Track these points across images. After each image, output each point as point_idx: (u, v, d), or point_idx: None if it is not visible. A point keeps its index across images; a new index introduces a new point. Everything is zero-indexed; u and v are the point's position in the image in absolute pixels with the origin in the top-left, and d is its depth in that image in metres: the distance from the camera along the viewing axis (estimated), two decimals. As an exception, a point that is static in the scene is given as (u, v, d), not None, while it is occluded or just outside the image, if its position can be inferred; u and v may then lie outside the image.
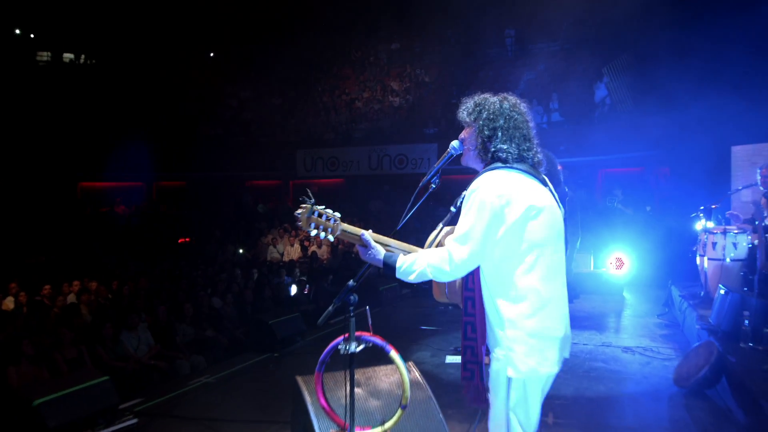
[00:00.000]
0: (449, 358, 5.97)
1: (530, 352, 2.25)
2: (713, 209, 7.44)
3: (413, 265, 2.35)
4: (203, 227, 16.42)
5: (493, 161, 2.39)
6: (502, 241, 2.26)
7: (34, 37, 20.93)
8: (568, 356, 2.39)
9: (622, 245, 10.37)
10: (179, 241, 16.17)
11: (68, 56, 21.81)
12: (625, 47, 14.33)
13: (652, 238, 10.94)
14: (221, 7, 19.16)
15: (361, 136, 18.53)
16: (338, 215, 2.47)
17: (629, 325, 7.65)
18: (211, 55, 22.34)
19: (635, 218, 11.78)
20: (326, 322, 2.57)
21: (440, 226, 2.58)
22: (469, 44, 19.09)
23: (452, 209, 2.50)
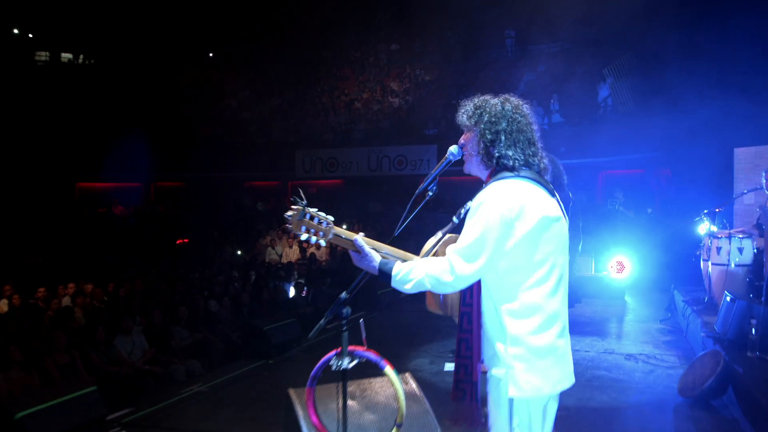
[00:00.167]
0: (448, 365, 5.83)
1: (533, 370, 2.13)
2: (717, 213, 7.31)
3: (411, 273, 2.21)
4: (201, 228, 16.31)
5: (498, 168, 2.27)
6: (510, 254, 2.14)
7: (32, 36, 20.82)
8: (573, 381, 2.26)
9: (623, 248, 10.27)
10: (177, 242, 16.06)
11: (67, 56, 21.71)
12: (627, 48, 14.21)
13: (653, 241, 10.83)
14: (220, 7, 19.04)
15: (360, 136, 18.42)
16: (331, 218, 2.32)
17: (631, 330, 7.54)
18: (210, 55, 22.23)
19: (637, 221, 11.68)
20: (317, 335, 2.44)
21: (439, 234, 2.44)
22: (469, 45, 18.99)
23: (454, 220, 2.35)
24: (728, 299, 5.42)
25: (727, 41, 10.59)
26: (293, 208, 2.26)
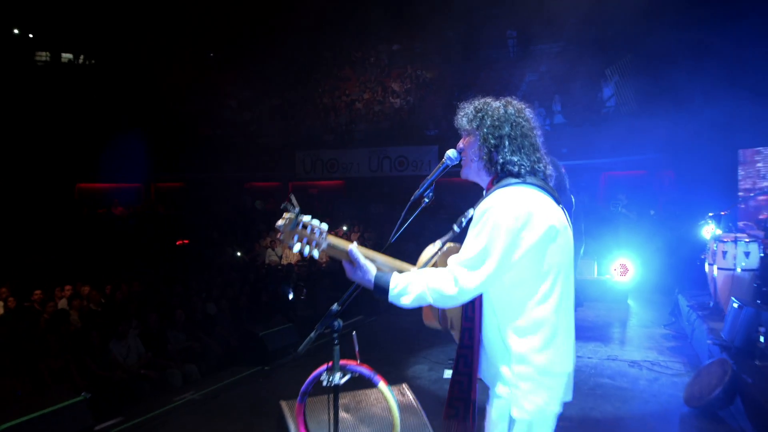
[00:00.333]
0: (447, 372, 5.71)
1: (538, 389, 2.01)
2: (722, 216, 7.19)
3: (409, 286, 2.09)
4: (201, 229, 16.20)
5: (502, 175, 2.15)
6: (516, 266, 2.02)
7: (32, 37, 20.74)
8: (570, 398, 2.14)
9: (626, 251, 10.14)
10: (177, 243, 15.96)
11: (67, 56, 21.63)
12: (630, 48, 14.07)
13: (657, 243, 10.70)
14: (220, 7, 18.94)
15: (361, 137, 18.30)
16: (325, 227, 2.17)
17: (635, 336, 7.40)
18: (210, 55, 22.13)
19: (639, 223, 11.55)
20: (307, 349, 2.31)
21: (438, 243, 2.30)
22: (470, 45, 18.87)
23: (455, 228, 2.21)
24: (735, 305, 5.28)
25: (737, 41, 10.39)
26: (285, 216, 2.11)
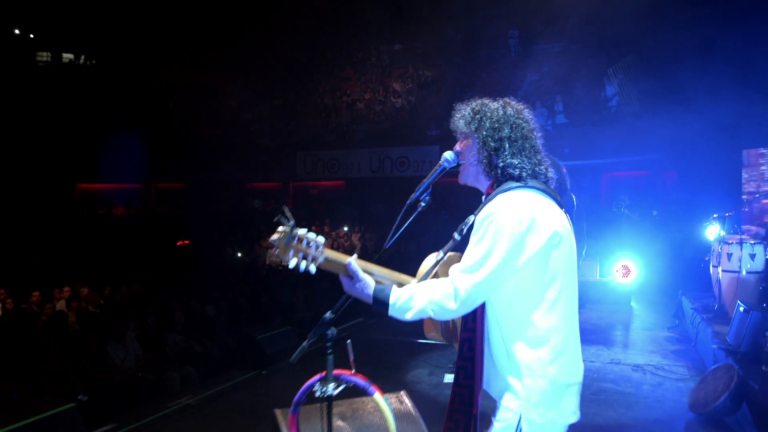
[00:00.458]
0: (448, 377, 5.62)
1: (550, 402, 1.94)
2: (727, 217, 7.09)
3: (411, 300, 2.01)
4: (202, 230, 16.13)
5: (502, 178, 2.07)
6: (520, 273, 1.94)
7: (33, 37, 20.70)
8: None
9: (629, 252, 10.04)
10: (178, 243, 15.90)
11: (68, 56, 21.59)
12: (633, 47, 13.96)
13: (660, 244, 10.60)
14: (221, 7, 18.88)
15: (362, 137, 18.22)
16: (322, 240, 2.08)
17: (638, 338, 7.30)
18: (211, 55, 22.05)
19: (642, 224, 11.46)
20: (299, 358, 2.22)
21: (440, 253, 2.20)
22: (472, 45, 18.78)
23: (455, 236, 2.12)
24: (741, 309, 5.19)
25: (746, 39, 10.23)
26: (279, 230, 2.02)
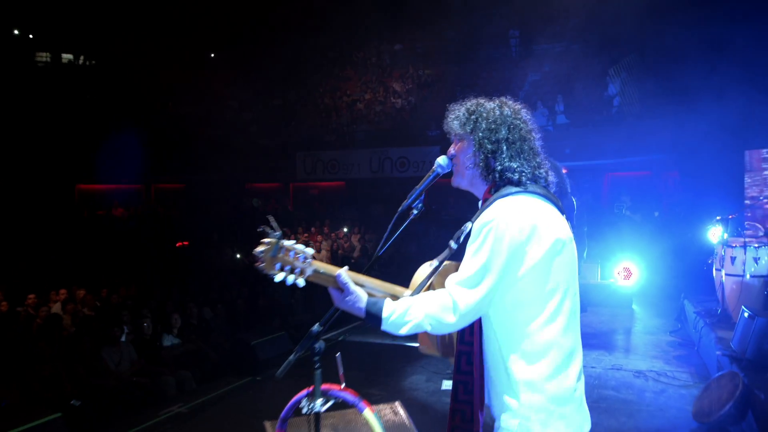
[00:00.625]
0: (446, 383, 5.51)
1: (552, 420, 1.83)
2: (730, 219, 6.98)
3: (406, 314, 1.88)
4: (202, 230, 16.05)
5: (500, 183, 1.96)
6: (519, 284, 1.83)
7: (32, 37, 20.64)
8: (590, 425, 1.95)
9: (630, 254, 9.92)
10: (177, 244, 15.82)
11: (67, 57, 21.53)
12: (635, 47, 13.84)
13: (661, 246, 10.49)
14: (221, 7, 18.81)
15: (362, 138, 18.14)
16: (310, 251, 1.98)
17: (640, 343, 7.19)
18: (211, 56, 22.00)
19: (644, 225, 11.36)
20: (285, 372, 2.12)
21: (435, 262, 2.08)
22: (472, 45, 18.68)
23: (451, 245, 1.99)
24: (746, 315, 5.07)
25: (755, 38, 10.07)
26: (264, 242, 1.91)
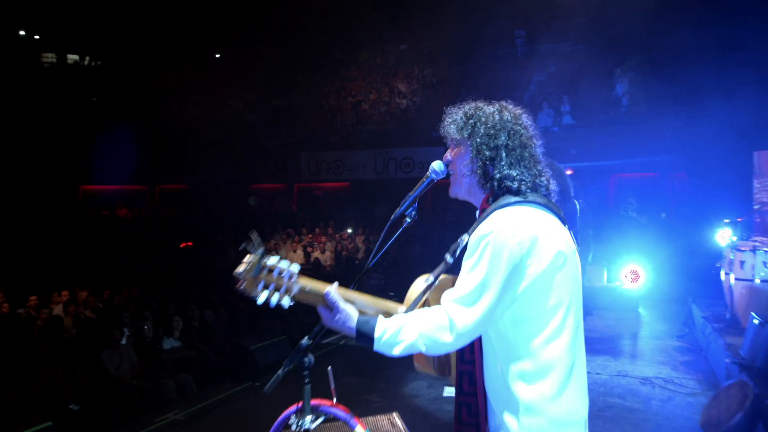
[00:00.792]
0: (448, 390, 5.41)
1: None
2: (739, 222, 6.86)
3: (399, 333, 1.78)
4: (205, 231, 16.04)
5: (499, 192, 1.86)
6: (520, 300, 1.73)
7: (38, 38, 20.68)
8: None
9: (636, 256, 9.79)
10: (181, 245, 15.81)
11: (73, 57, 21.57)
12: (643, 46, 13.69)
13: (668, 248, 10.35)
14: (224, 8, 18.78)
15: (366, 138, 18.07)
16: (296, 269, 1.88)
17: (647, 348, 7.06)
18: (215, 56, 21.98)
19: (650, 227, 11.24)
20: (272, 388, 2.02)
21: (430, 278, 1.98)
22: (478, 45, 18.57)
23: (447, 258, 1.90)
24: (756, 322, 4.95)
25: (765, 38, 9.89)
26: (246, 260, 1.82)
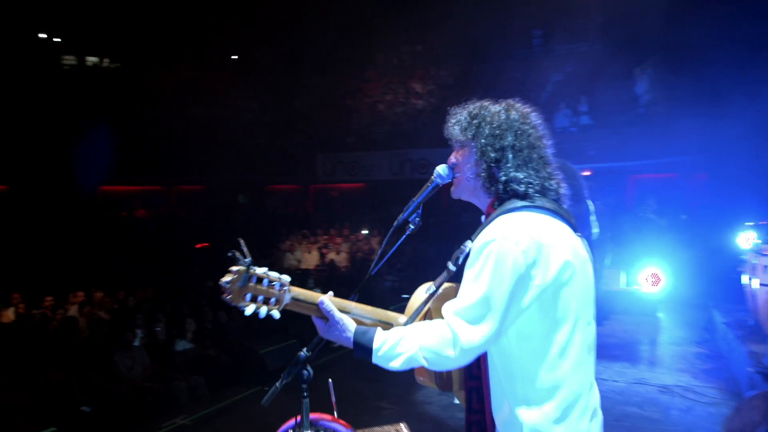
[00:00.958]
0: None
1: None
2: (763, 225, 6.66)
3: (398, 346, 1.70)
4: (221, 232, 16.08)
5: (504, 196, 1.76)
6: (525, 315, 1.63)
7: (58, 41, 20.91)
8: None
9: (655, 259, 9.56)
10: (197, 246, 15.86)
11: (92, 60, 21.79)
12: (662, 45, 13.45)
13: (688, 251, 10.11)
14: (242, 10, 18.85)
15: (382, 139, 18.02)
16: (287, 279, 1.80)
17: (666, 355, 6.89)
18: (233, 57, 22.08)
19: (670, 229, 11.01)
20: (270, 401, 1.95)
21: (432, 286, 1.89)
22: (494, 45, 18.41)
23: (450, 267, 1.81)
24: (780, 330, 4.80)
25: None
26: (232, 270, 1.73)
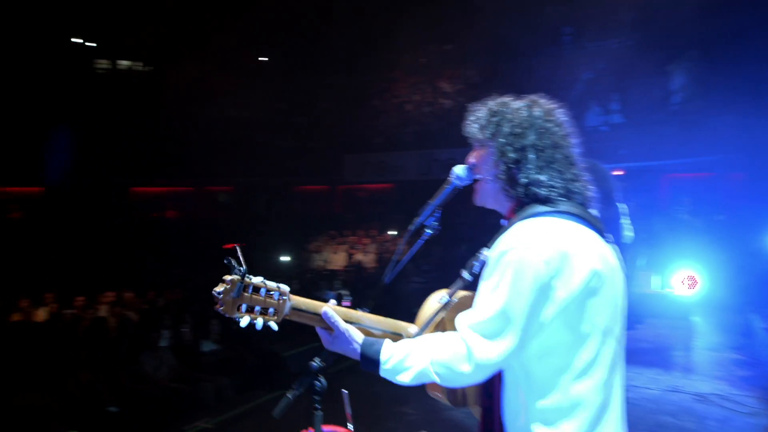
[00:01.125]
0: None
1: None
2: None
3: (408, 359, 1.60)
4: (249, 233, 16.20)
5: (526, 200, 1.64)
6: (547, 329, 1.51)
7: (93, 45, 21.33)
8: None
9: (689, 261, 9.28)
10: (224, 247, 15.97)
11: (125, 64, 22.20)
12: (698, 39, 13.08)
13: (725, 253, 9.78)
14: (270, 12, 18.96)
15: (409, 140, 17.94)
16: (286, 288, 1.72)
17: (701, 361, 6.66)
18: (260, 59, 22.23)
19: (705, 230, 10.71)
20: (283, 413, 1.88)
21: (445, 296, 1.79)
22: (524, 43, 18.18)
23: (465, 276, 1.72)
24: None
25: None
26: (226, 279, 1.65)
